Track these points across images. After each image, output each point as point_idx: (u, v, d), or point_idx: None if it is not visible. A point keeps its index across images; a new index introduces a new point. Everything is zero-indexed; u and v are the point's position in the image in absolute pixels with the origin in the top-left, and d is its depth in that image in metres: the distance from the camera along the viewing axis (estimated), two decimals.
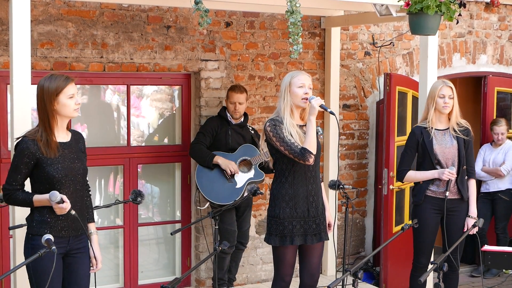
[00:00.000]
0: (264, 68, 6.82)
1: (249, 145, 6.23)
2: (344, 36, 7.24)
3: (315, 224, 4.70)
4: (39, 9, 5.78)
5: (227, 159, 6.11)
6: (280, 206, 4.67)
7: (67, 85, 3.96)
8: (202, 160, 6.11)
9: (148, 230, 6.86)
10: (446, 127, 5.46)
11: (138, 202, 4.93)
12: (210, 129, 6.18)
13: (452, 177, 5.30)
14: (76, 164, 4.05)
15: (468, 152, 5.44)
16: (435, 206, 5.40)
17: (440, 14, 5.00)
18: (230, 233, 6.13)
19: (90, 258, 4.17)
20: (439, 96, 5.37)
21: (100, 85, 6.44)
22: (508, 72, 8.31)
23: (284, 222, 4.65)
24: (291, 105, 4.66)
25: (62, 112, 3.98)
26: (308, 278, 4.81)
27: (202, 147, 6.11)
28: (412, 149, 5.48)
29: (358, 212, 7.51)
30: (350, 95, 7.35)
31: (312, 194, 4.71)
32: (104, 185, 6.68)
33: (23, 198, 3.96)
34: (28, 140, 3.93)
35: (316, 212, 4.72)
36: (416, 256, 5.54)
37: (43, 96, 3.94)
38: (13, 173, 3.96)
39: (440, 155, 5.38)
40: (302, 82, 4.65)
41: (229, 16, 6.60)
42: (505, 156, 7.48)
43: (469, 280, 7.59)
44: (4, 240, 5.90)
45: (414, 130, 5.52)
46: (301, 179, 4.67)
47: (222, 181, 6.12)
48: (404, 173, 5.49)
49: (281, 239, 4.67)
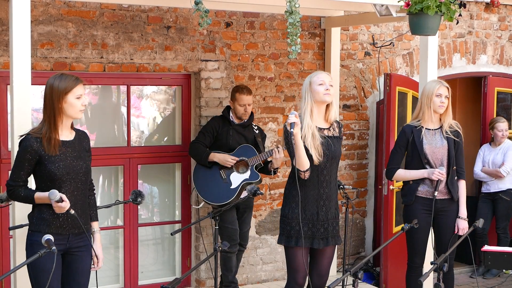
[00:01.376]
0: (264, 69, 6.82)
1: (248, 146, 6.22)
2: (344, 36, 7.24)
3: (323, 228, 4.68)
4: (39, 9, 5.79)
5: None
6: (290, 206, 4.68)
7: (77, 85, 4.03)
8: (198, 158, 6.12)
9: (148, 231, 6.87)
10: (437, 127, 5.46)
11: (138, 202, 4.94)
12: (210, 129, 6.16)
13: (442, 177, 5.30)
14: (77, 163, 4.08)
15: (458, 153, 5.45)
16: (426, 207, 5.40)
17: (440, 15, 5.00)
18: (232, 232, 6.11)
19: (92, 256, 4.19)
20: (436, 95, 5.37)
21: (100, 85, 6.44)
22: (508, 72, 8.31)
23: (292, 223, 4.66)
24: (311, 106, 4.65)
25: (68, 111, 4.03)
26: (317, 279, 4.80)
27: (199, 146, 6.11)
28: (402, 148, 5.48)
29: (358, 213, 7.51)
30: (350, 95, 7.35)
31: (323, 198, 4.68)
32: (104, 185, 6.69)
33: (25, 195, 4.03)
34: (31, 138, 3.98)
35: (326, 216, 4.69)
36: (410, 256, 5.56)
37: (52, 93, 4.00)
38: (16, 170, 4.04)
39: (430, 155, 5.38)
40: (322, 79, 4.65)
41: (229, 17, 6.60)
42: (504, 157, 7.48)
43: (469, 281, 7.59)
44: (4, 240, 5.90)
45: (404, 128, 5.51)
46: (313, 182, 4.66)
47: (217, 181, 6.11)
48: (393, 171, 5.50)
49: (287, 239, 4.68)
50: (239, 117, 6.20)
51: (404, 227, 4.55)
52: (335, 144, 4.70)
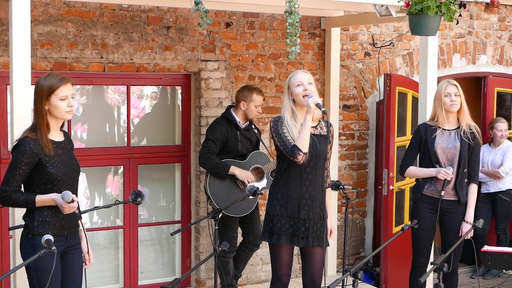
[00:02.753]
0: (264, 69, 6.82)
1: (260, 152, 6.13)
2: (344, 36, 7.24)
3: (304, 227, 4.63)
4: (39, 9, 5.79)
5: (239, 167, 5.96)
6: (272, 203, 4.69)
7: (60, 86, 3.94)
8: (216, 172, 5.91)
9: (148, 231, 6.86)
10: (454, 127, 5.45)
11: (138, 202, 4.92)
12: (220, 136, 5.95)
13: (448, 177, 5.29)
14: (73, 163, 4.09)
15: (472, 156, 5.41)
16: (431, 206, 5.40)
17: (440, 15, 5.00)
18: (231, 238, 6.07)
19: (83, 253, 4.19)
20: (445, 95, 5.38)
21: (100, 85, 6.44)
22: (508, 73, 8.31)
23: (274, 220, 4.66)
24: (291, 107, 4.63)
25: (54, 113, 3.97)
26: (309, 283, 4.76)
27: (214, 157, 5.91)
28: (415, 146, 5.51)
29: (358, 213, 7.51)
30: (350, 95, 7.35)
31: (305, 196, 4.64)
32: (104, 186, 6.69)
33: (25, 199, 3.93)
34: (31, 140, 3.92)
35: (308, 215, 4.64)
36: (414, 255, 5.55)
37: (36, 94, 3.96)
38: (12, 174, 3.92)
39: (440, 154, 5.38)
40: (299, 80, 4.60)
41: (229, 17, 6.60)
42: (503, 158, 7.48)
43: (469, 281, 7.59)
44: (4, 240, 5.89)
45: (419, 127, 5.56)
46: (295, 180, 4.63)
47: (235, 191, 5.96)
48: (405, 168, 5.53)
49: (270, 235, 4.68)
50: (249, 119, 6.10)
51: (404, 227, 4.54)
52: (321, 142, 4.63)
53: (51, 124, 3.99)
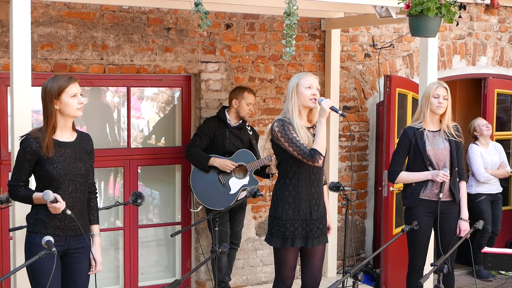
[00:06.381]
0: (264, 70, 6.83)
1: (246, 151, 6.22)
2: (344, 38, 7.24)
3: (316, 227, 4.68)
4: (40, 11, 5.79)
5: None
6: (283, 208, 4.66)
7: (70, 84, 4.03)
8: (197, 163, 6.11)
9: (148, 232, 6.87)
10: (437, 129, 5.45)
11: (138, 204, 4.93)
12: (207, 131, 6.16)
13: (446, 179, 5.30)
14: (77, 164, 4.09)
15: (458, 154, 5.44)
16: (428, 209, 5.39)
17: (440, 16, 5.00)
18: (223, 234, 6.14)
19: (90, 259, 4.18)
20: (434, 96, 5.35)
21: (100, 86, 6.44)
22: (508, 74, 8.31)
23: (286, 224, 4.64)
24: (299, 106, 4.65)
25: (65, 111, 4.04)
26: (310, 280, 4.78)
27: (197, 150, 6.11)
28: (404, 150, 5.44)
29: (358, 214, 7.51)
30: (350, 97, 7.35)
31: (315, 197, 4.69)
32: (104, 187, 6.69)
33: (24, 195, 4.06)
34: (31, 138, 4.01)
35: (318, 215, 4.70)
36: (411, 258, 5.55)
37: (45, 96, 4.02)
38: (16, 170, 4.07)
39: (432, 157, 5.36)
40: (310, 83, 4.65)
41: (229, 18, 6.61)
42: (500, 156, 7.53)
43: (469, 282, 7.58)
44: (4, 241, 5.90)
45: (406, 130, 5.48)
46: (305, 182, 4.66)
47: (216, 186, 6.13)
48: (396, 174, 5.45)
49: (282, 241, 4.66)
50: (241, 117, 6.20)
51: (404, 228, 4.55)
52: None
53: (59, 124, 4.06)
